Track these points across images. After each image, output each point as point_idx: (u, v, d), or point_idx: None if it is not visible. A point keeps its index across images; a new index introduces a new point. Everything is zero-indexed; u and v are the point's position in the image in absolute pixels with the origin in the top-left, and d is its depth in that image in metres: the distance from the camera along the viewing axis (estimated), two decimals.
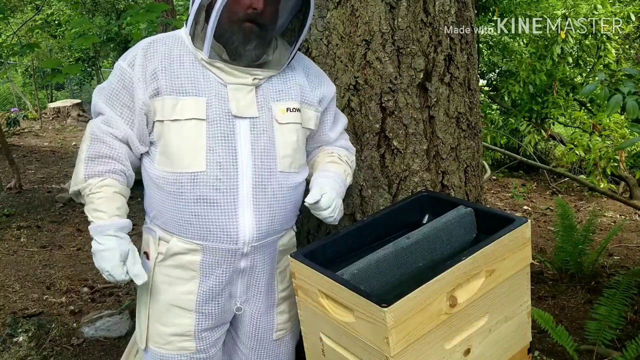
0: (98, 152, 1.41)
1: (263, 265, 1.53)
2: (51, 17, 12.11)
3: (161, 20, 4.17)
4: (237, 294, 1.54)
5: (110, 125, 1.42)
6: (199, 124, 1.38)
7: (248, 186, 1.42)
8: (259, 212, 1.44)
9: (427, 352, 1.20)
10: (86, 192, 1.40)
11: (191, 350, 1.53)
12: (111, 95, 1.43)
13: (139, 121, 1.41)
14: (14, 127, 8.68)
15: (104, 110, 1.43)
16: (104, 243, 1.35)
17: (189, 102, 1.38)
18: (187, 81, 1.40)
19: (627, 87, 2.49)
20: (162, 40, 1.45)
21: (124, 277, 1.36)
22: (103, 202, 1.38)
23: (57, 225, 4.55)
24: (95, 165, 1.40)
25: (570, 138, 6.88)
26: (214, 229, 1.42)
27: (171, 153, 1.39)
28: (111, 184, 1.40)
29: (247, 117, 1.42)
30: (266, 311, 1.60)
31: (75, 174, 1.42)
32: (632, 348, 2.28)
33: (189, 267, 1.47)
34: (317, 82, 1.58)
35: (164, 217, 1.46)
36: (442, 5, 1.82)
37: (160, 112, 1.39)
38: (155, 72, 1.39)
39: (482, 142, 2.11)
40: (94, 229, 1.37)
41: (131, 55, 1.42)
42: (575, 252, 3.55)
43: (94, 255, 1.37)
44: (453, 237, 1.48)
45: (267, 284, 1.57)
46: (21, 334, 2.66)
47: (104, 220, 1.37)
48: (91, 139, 1.42)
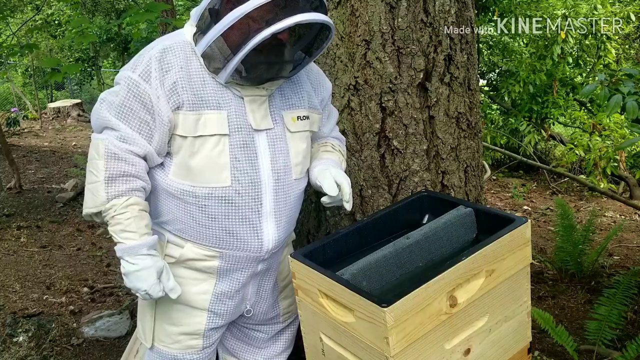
0: (118, 170, 1.34)
1: (275, 266, 1.60)
2: (51, 17, 12.11)
3: (161, 20, 4.17)
4: (248, 296, 1.58)
5: (127, 142, 1.35)
6: (222, 138, 1.36)
7: (270, 198, 1.43)
8: (279, 221, 1.47)
9: (427, 352, 1.20)
10: (110, 214, 1.34)
11: (197, 348, 1.55)
12: (125, 112, 1.35)
13: (161, 136, 1.36)
14: (14, 127, 8.68)
15: (117, 127, 1.35)
16: (138, 263, 1.33)
17: (212, 117, 1.36)
18: (208, 94, 1.36)
19: (627, 87, 2.49)
20: (174, 49, 1.37)
21: (161, 294, 1.35)
22: (131, 222, 1.33)
23: (57, 225, 4.54)
24: (118, 185, 1.34)
25: (570, 138, 6.88)
26: (236, 241, 1.44)
27: (194, 168, 1.37)
28: (136, 202, 1.36)
29: (264, 129, 1.42)
30: (273, 303, 1.66)
31: (94, 194, 1.34)
32: (632, 348, 2.27)
33: (205, 271, 1.48)
34: (318, 84, 1.59)
35: (179, 224, 1.45)
36: (442, 5, 1.82)
37: (182, 127, 1.35)
38: (175, 86, 1.34)
39: (482, 142, 2.11)
40: (124, 250, 1.33)
41: (143, 68, 1.34)
42: (575, 252, 3.55)
43: (127, 276, 1.34)
44: (453, 237, 1.48)
45: (274, 281, 1.63)
46: (21, 334, 2.66)
47: (135, 240, 1.33)
48: (107, 157, 1.34)
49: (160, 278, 1.36)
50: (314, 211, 2.02)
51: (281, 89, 1.48)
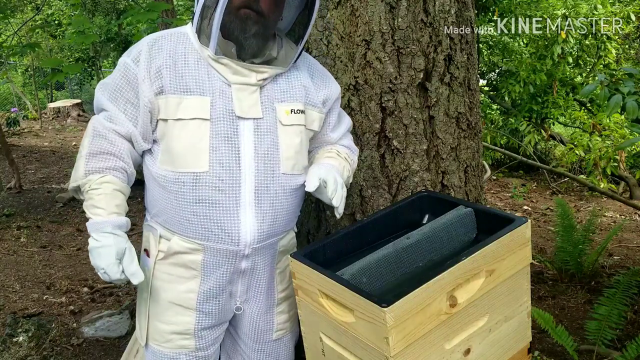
0: (99, 148, 1.39)
1: (264, 267, 1.53)
2: (51, 17, 12.11)
3: (161, 20, 4.17)
4: (237, 294, 1.54)
5: (113, 122, 1.40)
6: (202, 123, 1.37)
7: (250, 188, 1.41)
8: (261, 214, 1.44)
9: (427, 352, 1.20)
10: (85, 188, 1.38)
11: (190, 349, 1.53)
12: (115, 92, 1.41)
13: (143, 118, 1.40)
14: (14, 127, 8.68)
15: (107, 107, 1.41)
16: (101, 240, 1.33)
17: (193, 102, 1.38)
18: (192, 80, 1.39)
19: (627, 87, 2.49)
20: (167, 37, 1.43)
21: (119, 276, 1.33)
22: (102, 198, 1.36)
23: (57, 225, 4.55)
24: (96, 162, 1.39)
25: (570, 138, 6.88)
26: (215, 230, 1.42)
27: (174, 152, 1.39)
28: (111, 181, 1.39)
29: (250, 117, 1.42)
30: (266, 311, 1.60)
31: (76, 169, 1.40)
32: (632, 348, 2.28)
33: (190, 266, 1.47)
34: (321, 83, 1.57)
35: (165, 215, 1.46)
36: (442, 5, 1.82)
37: (164, 111, 1.38)
38: (160, 70, 1.38)
39: (482, 142, 2.11)
40: (91, 225, 1.35)
41: (136, 51, 1.41)
42: (575, 252, 3.55)
43: (90, 252, 1.35)
44: (453, 237, 1.48)
45: (267, 284, 1.57)
46: (21, 334, 2.66)
47: (101, 217, 1.35)
48: (93, 134, 1.40)
49: (122, 260, 1.34)
50: (314, 211, 2.02)
51: (277, 82, 1.48)
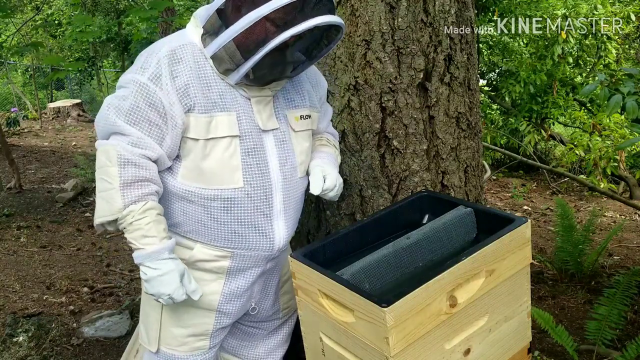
0: (134, 176, 1.31)
1: (282, 262, 1.62)
2: (51, 17, 12.11)
3: (162, 19, 4.18)
4: (254, 294, 1.59)
5: (140, 147, 1.32)
6: (233, 140, 1.37)
7: (280, 197, 1.45)
8: (288, 219, 1.49)
9: (427, 352, 1.20)
10: (128, 220, 1.31)
11: (204, 349, 1.56)
12: (134, 115, 1.32)
13: (173, 139, 1.35)
14: (14, 127, 8.67)
15: (127, 132, 1.32)
16: (161, 267, 1.31)
17: (222, 119, 1.36)
18: (218, 97, 1.36)
19: (627, 87, 2.49)
20: (183, 51, 1.35)
21: (184, 297, 1.34)
22: (152, 226, 1.31)
23: (57, 225, 4.54)
24: (134, 190, 1.31)
25: (570, 138, 6.88)
26: (248, 241, 1.45)
27: (206, 170, 1.37)
28: (153, 207, 1.34)
29: (270, 129, 1.43)
30: (274, 301, 1.67)
31: (108, 202, 1.31)
32: (632, 348, 2.27)
33: (214, 271, 1.48)
34: (316, 83, 1.60)
35: (188, 227, 1.45)
36: (442, 5, 1.82)
37: (193, 130, 1.34)
38: (187, 88, 1.33)
39: (482, 142, 2.11)
40: (145, 255, 1.31)
41: (152, 70, 1.32)
42: (575, 252, 3.55)
43: (149, 282, 1.31)
44: (453, 237, 1.48)
45: (279, 278, 1.66)
46: (21, 334, 2.66)
47: (156, 245, 1.31)
48: (120, 163, 1.30)
49: (182, 281, 1.34)
50: (314, 211, 2.02)
51: (284, 88, 1.49)
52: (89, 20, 4.04)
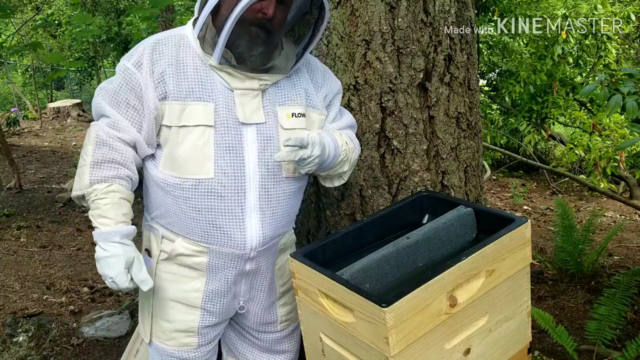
0: (104, 156, 1.37)
1: (267, 267, 1.55)
2: (51, 17, 12.11)
3: (162, 19, 4.19)
4: (240, 294, 1.56)
5: (117, 129, 1.38)
6: (207, 130, 1.37)
7: (255, 194, 1.42)
8: (264, 219, 1.45)
9: (427, 352, 1.20)
10: (91, 198, 1.36)
11: (193, 346, 1.55)
12: (116, 97, 1.39)
13: (149, 125, 1.38)
14: (14, 127, 8.68)
15: (108, 113, 1.39)
16: (109, 250, 1.33)
17: (197, 108, 1.36)
18: (195, 86, 1.37)
19: (627, 87, 2.49)
20: (168, 40, 1.40)
21: (127, 285, 1.34)
22: (109, 208, 1.35)
23: (57, 225, 4.54)
24: (102, 170, 1.37)
25: (570, 138, 6.88)
26: (221, 235, 1.42)
27: (178, 159, 1.38)
28: (117, 190, 1.37)
29: (253, 123, 1.41)
30: (269, 307, 1.63)
31: (80, 177, 1.38)
32: (632, 348, 2.27)
33: (195, 267, 1.48)
34: (321, 81, 1.56)
35: (168, 218, 1.46)
36: (442, 5, 1.82)
37: (167, 117, 1.37)
38: (163, 76, 1.36)
39: (482, 142, 2.11)
40: (99, 235, 1.35)
41: (137, 56, 1.38)
42: (575, 252, 3.55)
43: (98, 261, 1.35)
44: (453, 237, 1.48)
45: (269, 282, 1.59)
46: (21, 334, 2.66)
47: (109, 226, 1.35)
48: (96, 142, 1.38)
49: (131, 269, 1.35)
50: (314, 211, 2.02)
51: (278, 85, 1.47)
52: (89, 19, 4.04)
